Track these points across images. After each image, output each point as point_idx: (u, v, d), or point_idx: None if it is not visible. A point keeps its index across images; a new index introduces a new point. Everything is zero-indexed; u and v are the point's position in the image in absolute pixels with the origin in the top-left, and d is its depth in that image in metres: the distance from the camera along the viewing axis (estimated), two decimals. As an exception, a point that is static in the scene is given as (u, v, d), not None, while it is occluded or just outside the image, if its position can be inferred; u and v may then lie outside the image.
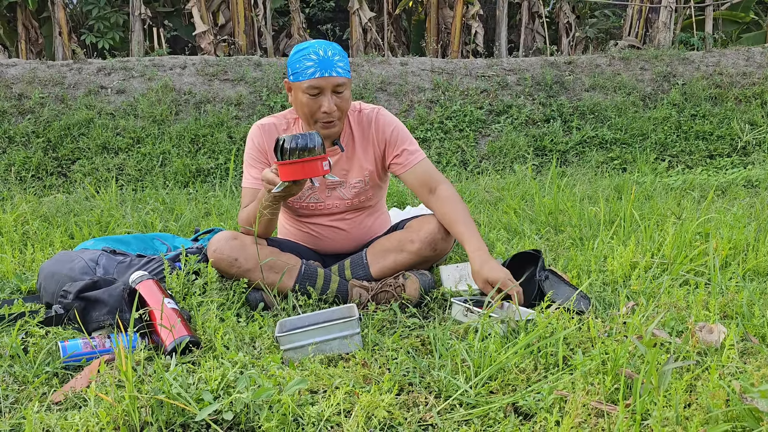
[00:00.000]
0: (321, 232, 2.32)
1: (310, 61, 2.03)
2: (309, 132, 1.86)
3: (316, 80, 2.02)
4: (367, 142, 2.24)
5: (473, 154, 6.16)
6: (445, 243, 2.17)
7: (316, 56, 2.03)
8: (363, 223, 2.34)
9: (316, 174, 1.86)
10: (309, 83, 2.03)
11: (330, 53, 2.04)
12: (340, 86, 2.05)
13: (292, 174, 1.84)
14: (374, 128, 2.23)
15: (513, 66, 7.53)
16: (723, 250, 2.41)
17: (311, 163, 1.84)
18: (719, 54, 7.78)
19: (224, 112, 6.35)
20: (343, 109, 2.10)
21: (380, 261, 2.18)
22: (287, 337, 1.71)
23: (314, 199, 2.25)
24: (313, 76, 2.02)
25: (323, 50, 2.04)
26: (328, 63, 2.03)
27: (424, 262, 2.20)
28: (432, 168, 2.24)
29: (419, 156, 2.23)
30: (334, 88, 2.05)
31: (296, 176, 1.85)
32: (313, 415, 1.33)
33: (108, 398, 1.32)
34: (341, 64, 2.06)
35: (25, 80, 6.54)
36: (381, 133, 2.23)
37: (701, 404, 1.29)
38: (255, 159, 2.22)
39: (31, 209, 3.74)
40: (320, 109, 2.06)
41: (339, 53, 2.08)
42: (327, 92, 2.04)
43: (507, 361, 1.52)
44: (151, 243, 2.65)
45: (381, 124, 2.23)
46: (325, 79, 2.02)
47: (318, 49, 2.04)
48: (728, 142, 6.25)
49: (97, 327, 1.82)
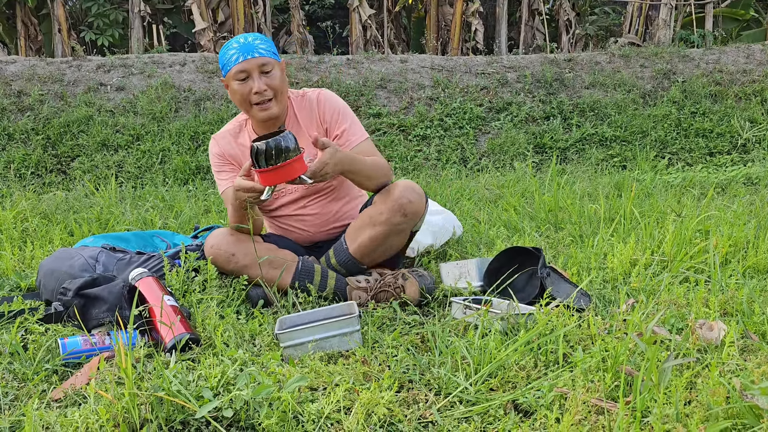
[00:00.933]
0: (289, 223, 2.33)
1: (232, 50, 2.10)
2: (282, 134, 1.83)
3: (240, 64, 2.08)
4: (311, 123, 2.25)
5: (473, 152, 6.16)
6: (413, 206, 2.09)
7: (237, 44, 2.10)
8: (328, 208, 2.32)
9: (294, 176, 1.84)
10: (235, 69, 2.09)
11: (251, 39, 2.11)
12: (265, 65, 2.09)
13: (271, 179, 1.83)
14: (317, 109, 2.25)
15: (513, 63, 7.52)
16: (723, 247, 2.41)
17: (288, 166, 1.81)
18: (719, 51, 7.77)
19: (224, 109, 6.34)
20: (275, 88, 2.11)
21: (356, 239, 2.16)
22: (287, 334, 1.70)
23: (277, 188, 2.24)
24: (237, 62, 2.08)
25: (243, 38, 2.12)
26: (249, 47, 2.09)
27: (400, 231, 2.13)
28: (372, 149, 2.24)
29: (360, 136, 2.23)
30: (260, 68, 2.09)
31: (275, 181, 1.83)
32: (313, 412, 1.33)
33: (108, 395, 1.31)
34: (263, 47, 2.11)
35: (24, 77, 6.53)
36: (323, 113, 2.24)
37: (701, 401, 1.29)
38: (219, 165, 2.30)
39: (30, 206, 3.74)
40: (251, 91, 2.09)
41: (261, 38, 2.14)
42: (254, 73, 2.09)
43: (507, 358, 1.52)
44: (151, 240, 2.65)
45: (323, 105, 2.25)
46: (248, 61, 2.07)
47: (239, 38, 2.12)
48: (728, 140, 6.25)
49: (96, 324, 1.81)
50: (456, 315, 1.92)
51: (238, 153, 2.27)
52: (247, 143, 2.25)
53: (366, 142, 2.24)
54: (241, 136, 2.29)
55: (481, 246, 2.71)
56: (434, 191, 4.30)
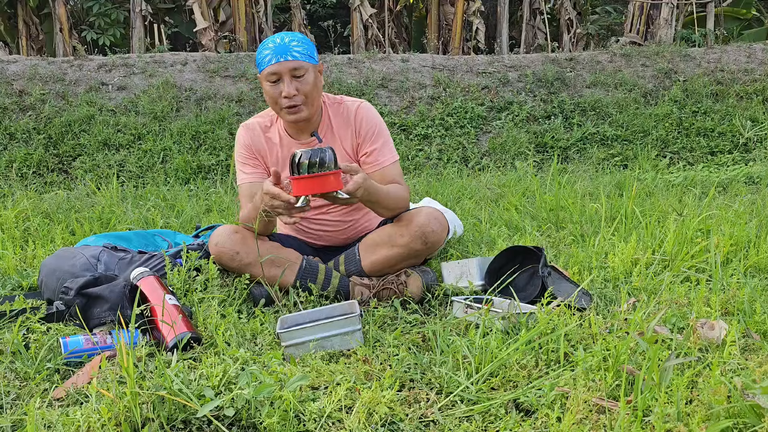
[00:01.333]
0: (308, 226, 2.33)
1: (267, 50, 2.06)
2: (321, 147, 1.84)
3: (272, 66, 2.04)
4: (347, 133, 2.23)
5: (474, 151, 6.16)
6: (436, 235, 2.09)
7: (272, 44, 2.06)
8: (350, 217, 2.33)
9: (328, 189, 1.83)
10: (267, 70, 2.06)
11: (287, 40, 2.06)
12: (297, 69, 2.05)
13: (305, 189, 1.82)
14: (354, 120, 2.22)
15: (514, 62, 7.52)
16: (724, 246, 2.41)
17: (324, 177, 1.82)
18: (721, 51, 7.76)
19: (225, 108, 6.35)
20: (305, 93, 2.07)
21: (371, 255, 2.16)
22: (288, 333, 1.71)
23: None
24: (269, 63, 2.05)
25: (280, 38, 2.07)
26: (283, 48, 2.04)
27: (416, 256, 2.14)
28: (398, 173, 2.23)
29: (390, 159, 2.22)
30: (291, 72, 2.05)
31: (309, 191, 1.82)
32: (314, 411, 1.33)
33: (109, 394, 1.32)
34: (299, 49, 2.06)
35: (25, 77, 6.54)
36: (359, 127, 2.22)
37: (703, 401, 1.29)
38: (245, 157, 2.25)
39: (32, 206, 3.74)
40: (281, 94, 2.07)
41: (298, 40, 2.08)
42: (285, 77, 2.05)
43: (508, 357, 1.52)
44: (152, 239, 2.65)
45: (361, 118, 2.22)
46: (281, 63, 2.04)
47: (276, 38, 2.08)
48: (729, 139, 6.24)
49: (98, 323, 1.82)
50: (457, 314, 1.92)
51: (265, 148, 2.24)
52: (275, 139, 2.24)
53: (394, 165, 2.22)
54: (271, 131, 2.25)
55: (482, 245, 2.71)
56: (435, 190, 4.30)
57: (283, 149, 2.23)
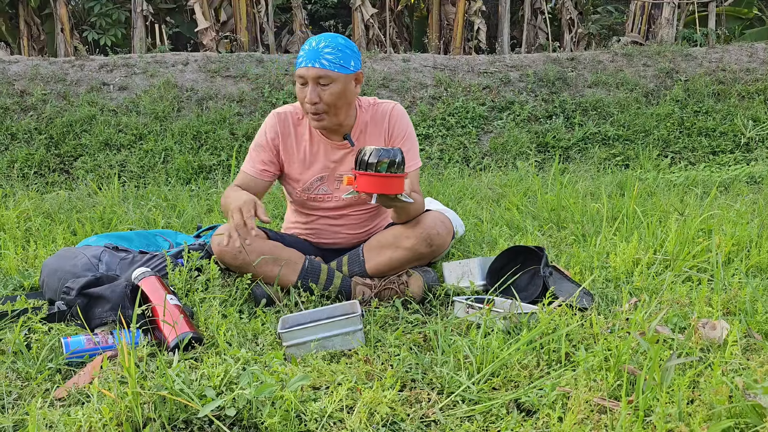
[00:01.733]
0: (323, 224, 2.32)
1: (303, 51, 2.05)
2: (393, 148, 1.85)
3: (301, 69, 2.04)
4: (380, 135, 2.23)
5: (475, 151, 6.15)
6: (441, 238, 2.11)
7: (308, 46, 2.04)
8: (365, 221, 2.34)
9: (395, 191, 1.85)
10: (297, 72, 2.06)
11: (322, 45, 2.02)
12: (322, 78, 2.01)
13: (373, 186, 1.84)
14: (387, 122, 2.23)
15: (515, 62, 7.51)
16: (726, 246, 2.41)
17: (394, 179, 1.84)
18: (722, 50, 7.75)
19: (226, 108, 6.35)
20: (328, 102, 2.04)
21: (376, 257, 2.16)
22: (290, 333, 1.71)
23: (323, 190, 2.24)
24: (300, 65, 2.04)
25: (317, 41, 2.04)
26: (314, 54, 2.01)
27: (421, 259, 2.15)
28: (417, 180, 2.25)
29: (414, 165, 2.22)
30: (316, 80, 2.02)
31: (376, 190, 1.84)
32: (315, 411, 1.33)
33: (111, 394, 1.32)
34: (330, 57, 2.01)
35: (27, 77, 6.55)
36: (392, 129, 2.23)
37: (704, 401, 1.29)
38: (263, 148, 2.22)
39: (33, 206, 3.75)
40: (305, 98, 2.05)
41: (333, 46, 2.03)
42: (310, 83, 2.03)
43: (509, 357, 1.52)
44: (154, 239, 2.65)
45: (394, 120, 2.23)
46: (308, 69, 2.02)
47: (314, 39, 2.05)
48: (731, 139, 6.23)
49: (99, 323, 1.82)
50: (458, 314, 1.92)
51: (292, 141, 2.23)
52: (305, 134, 2.21)
53: (415, 172, 2.23)
54: (302, 124, 2.23)
55: (483, 245, 2.71)
56: (437, 190, 4.30)
57: (312, 146, 2.22)
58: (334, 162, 2.21)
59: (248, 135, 6.07)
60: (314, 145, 2.22)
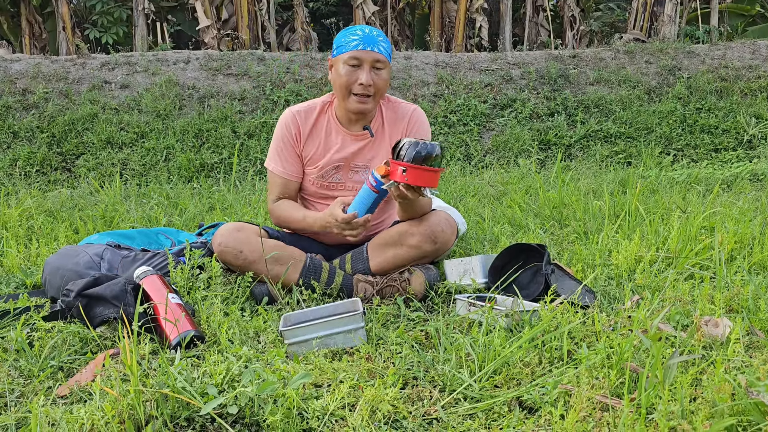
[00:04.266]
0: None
1: (354, 35, 2.11)
2: (432, 142, 1.91)
3: (358, 52, 2.09)
4: (397, 132, 2.27)
5: (477, 149, 6.15)
6: (445, 235, 2.13)
7: (361, 32, 2.12)
8: (380, 217, 2.35)
9: (433, 185, 1.91)
10: (351, 54, 2.09)
11: (375, 33, 2.14)
12: (380, 62, 2.11)
13: (420, 179, 1.88)
14: (407, 122, 2.28)
15: (517, 60, 7.50)
16: (728, 243, 2.40)
17: (436, 173, 1.90)
18: (725, 47, 7.73)
19: (228, 106, 6.35)
20: (378, 87, 2.13)
21: (380, 255, 2.17)
22: (291, 331, 1.71)
23: (337, 178, 2.27)
24: (356, 48, 2.09)
25: (369, 29, 2.14)
26: (372, 39, 2.11)
27: (425, 257, 2.16)
28: None
29: None
30: (373, 63, 2.10)
31: (422, 182, 1.89)
32: (317, 409, 1.33)
33: (113, 392, 1.32)
34: (384, 45, 2.14)
35: (29, 75, 6.55)
36: (412, 128, 2.27)
37: (706, 398, 1.29)
38: (286, 144, 2.27)
39: (35, 204, 3.75)
40: (357, 81, 2.11)
41: (383, 36, 2.17)
42: (366, 65, 2.10)
43: (511, 355, 1.52)
44: (156, 238, 2.65)
45: (414, 122, 2.28)
46: (367, 52, 2.09)
47: (365, 27, 2.15)
48: (733, 136, 6.22)
49: (101, 322, 1.82)
50: (460, 312, 1.92)
51: (312, 132, 2.27)
52: (323, 125, 2.26)
53: None
54: (321, 117, 2.28)
55: (485, 243, 2.71)
56: (438, 188, 4.30)
57: (331, 136, 2.26)
58: (351, 153, 2.25)
59: (250, 133, 6.07)
60: (333, 136, 2.26)
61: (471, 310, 1.87)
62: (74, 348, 1.70)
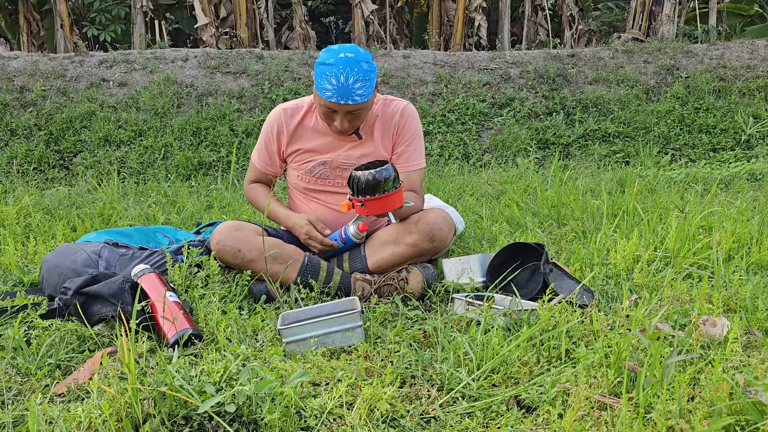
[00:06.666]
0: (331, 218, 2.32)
1: (329, 84, 2.03)
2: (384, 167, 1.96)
3: (329, 102, 2.07)
4: (388, 130, 2.28)
5: (476, 148, 6.15)
6: (443, 234, 2.13)
7: (336, 81, 2.01)
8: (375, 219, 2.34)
9: (399, 204, 1.98)
10: (325, 103, 2.08)
11: (351, 80, 2.01)
12: (355, 111, 2.10)
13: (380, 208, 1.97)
14: (398, 119, 2.28)
15: (516, 59, 7.50)
16: (726, 243, 2.41)
17: (395, 195, 1.97)
18: (723, 47, 7.74)
19: (226, 105, 6.34)
20: (357, 125, 2.18)
21: (377, 254, 2.18)
22: (289, 329, 1.71)
23: (325, 174, 2.29)
24: (329, 99, 2.06)
25: (344, 76, 2.01)
26: (346, 92, 2.02)
27: (422, 255, 2.17)
28: (420, 180, 2.31)
29: (417, 165, 2.30)
30: (349, 111, 2.09)
31: (384, 209, 1.97)
32: (315, 407, 1.33)
33: (110, 390, 1.32)
34: (360, 92, 2.04)
35: (27, 73, 6.54)
36: (401, 127, 2.28)
37: (705, 397, 1.29)
38: (269, 141, 2.34)
39: (33, 202, 3.74)
40: (333, 122, 2.13)
41: (362, 78, 2.03)
42: (340, 114, 2.10)
43: (509, 354, 1.52)
44: (153, 236, 2.65)
45: (404, 119, 2.28)
46: (339, 105, 2.07)
47: (340, 74, 2.01)
48: (732, 136, 6.23)
49: (98, 320, 1.82)
50: (458, 311, 1.92)
51: (299, 131, 2.30)
52: (310, 124, 2.29)
53: (419, 172, 2.31)
54: (308, 116, 2.30)
55: (483, 242, 2.71)
56: (437, 187, 4.30)
57: (318, 134, 2.29)
58: (339, 152, 2.27)
59: (248, 131, 6.06)
60: (320, 134, 2.28)
61: (469, 309, 1.87)
62: (72, 346, 1.70)
